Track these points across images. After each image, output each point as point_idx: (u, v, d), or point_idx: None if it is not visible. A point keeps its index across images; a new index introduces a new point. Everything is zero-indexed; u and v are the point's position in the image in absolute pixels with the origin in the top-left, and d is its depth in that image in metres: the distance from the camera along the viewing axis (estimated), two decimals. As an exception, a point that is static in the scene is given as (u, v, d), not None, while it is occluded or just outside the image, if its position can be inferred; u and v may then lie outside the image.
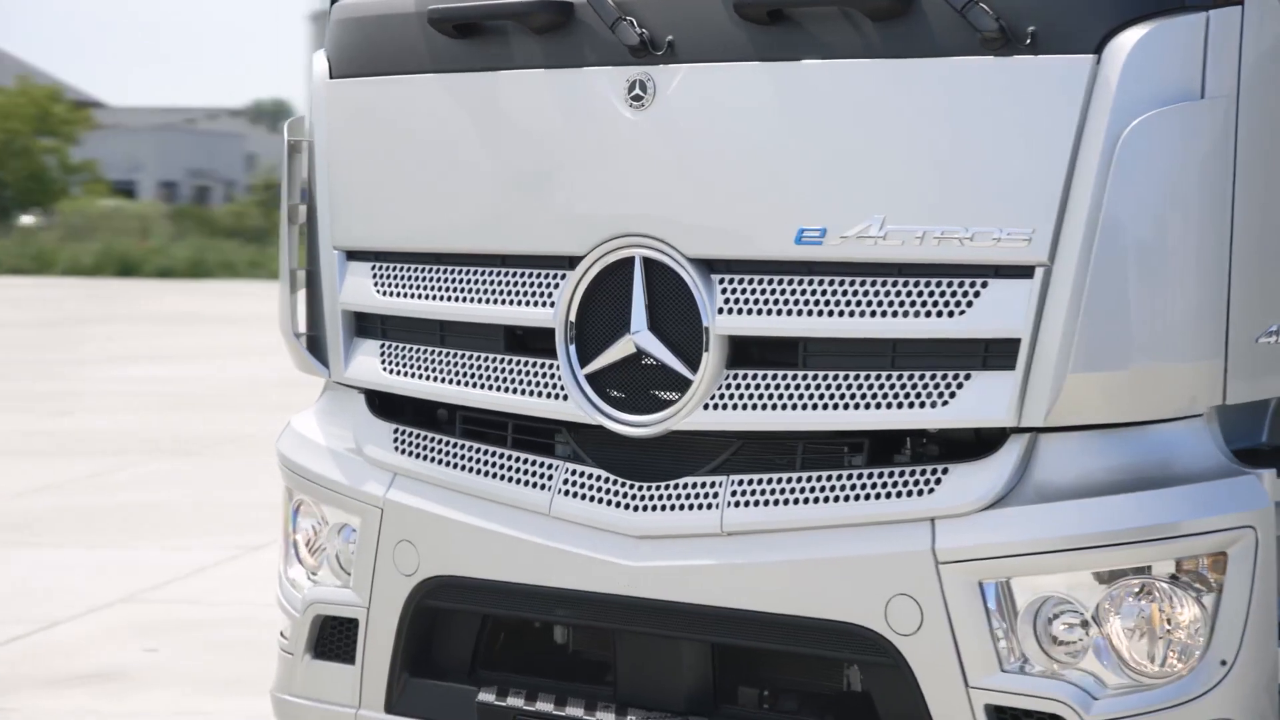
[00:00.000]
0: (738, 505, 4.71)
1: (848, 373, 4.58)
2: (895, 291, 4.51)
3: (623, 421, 4.87)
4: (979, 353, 4.44)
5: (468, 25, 5.12)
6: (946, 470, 4.49)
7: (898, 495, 4.53)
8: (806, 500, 4.63)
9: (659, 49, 4.78)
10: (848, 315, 4.56)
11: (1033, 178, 4.35)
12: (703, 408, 4.74)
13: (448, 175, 5.19)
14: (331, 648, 5.50)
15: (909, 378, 4.51)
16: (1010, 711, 4.45)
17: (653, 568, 4.82)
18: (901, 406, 4.51)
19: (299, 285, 5.58)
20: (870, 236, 4.51)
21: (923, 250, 4.45)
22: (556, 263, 4.98)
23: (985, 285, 4.41)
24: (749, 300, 4.68)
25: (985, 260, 4.40)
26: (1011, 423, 4.39)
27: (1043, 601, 4.42)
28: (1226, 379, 4.40)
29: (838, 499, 4.60)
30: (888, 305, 4.51)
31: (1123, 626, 4.37)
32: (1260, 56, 4.38)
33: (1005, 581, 4.43)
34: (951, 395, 4.46)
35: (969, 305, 4.42)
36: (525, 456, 5.07)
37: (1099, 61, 4.29)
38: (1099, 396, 4.34)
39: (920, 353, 4.51)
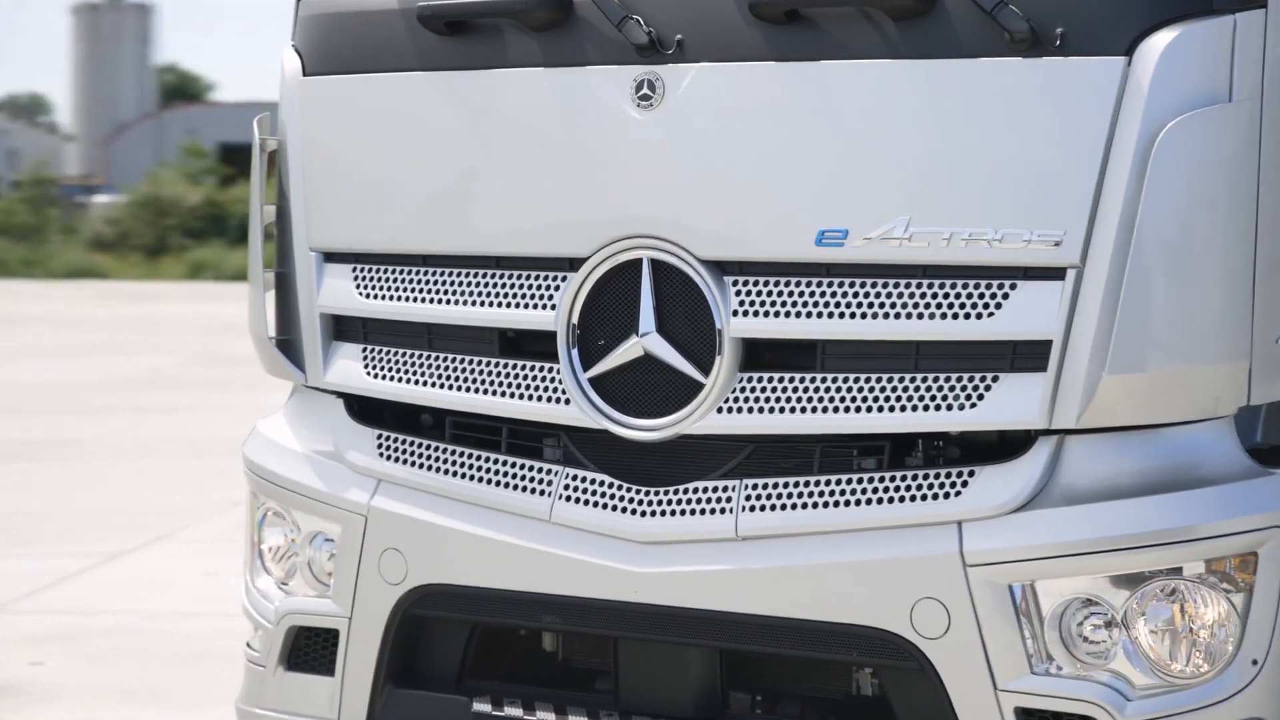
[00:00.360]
0: (752, 509, 4.65)
1: (869, 375, 4.54)
2: (920, 293, 4.48)
3: (629, 425, 4.79)
4: (1008, 354, 4.42)
5: (461, 23, 5.01)
6: (973, 473, 4.46)
7: (923, 498, 4.50)
8: (827, 504, 4.59)
9: (667, 48, 4.71)
10: (870, 317, 4.52)
11: (1063, 179, 4.34)
12: (716, 411, 4.67)
13: (438, 176, 5.07)
14: (307, 659, 5.36)
15: (934, 380, 4.48)
16: (1039, 714, 4.44)
17: (661, 573, 4.75)
18: (928, 408, 4.48)
19: (269, 287, 5.42)
20: (894, 238, 4.47)
21: (949, 252, 4.43)
22: (556, 265, 4.89)
23: (1014, 287, 4.39)
24: (765, 302, 4.62)
25: (1015, 262, 4.38)
26: (1043, 424, 4.38)
27: (1072, 603, 4.42)
28: (1251, 380, 4.43)
29: (860, 502, 4.56)
30: (912, 307, 4.48)
31: (1153, 628, 4.38)
32: None
33: (1034, 584, 4.42)
34: (980, 397, 4.44)
35: (998, 307, 4.40)
36: (523, 462, 4.97)
37: (1130, 64, 4.29)
38: (1133, 398, 4.34)
39: (946, 354, 4.48)
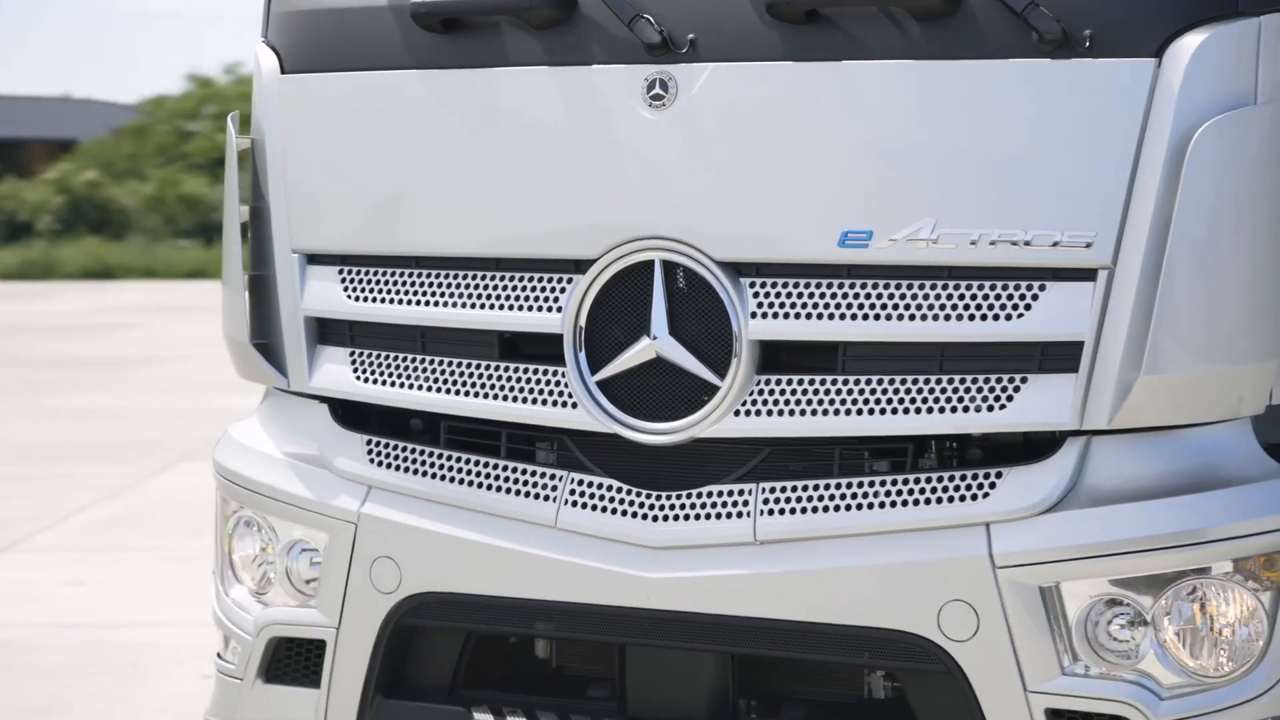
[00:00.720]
0: (771, 513, 4.61)
1: (893, 377, 4.52)
2: (946, 295, 4.46)
3: (640, 429, 4.73)
4: (1036, 355, 4.42)
5: (457, 21, 4.91)
6: (1000, 474, 4.46)
7: (950, 500, 4.49)
8: (849, 507, 4.56)
9: (680, 47, 4.64)
10: (895, 319, 4.49)
11: (1093, 181, 4.35)
12: (733, 414, 4.62)
13: (434, 177, 4.95)
14: (288, 671, 5.23)
15: (960, 381, 4.47)
16: (1070, 715, 4.45)
17: (674, 579, 4.69)
18: (955, 410, 4.47)
19: (253, 290, 5.27)
20: (920, 239, 4.46)
21: (977, 253, 4.42)
22: (561, 267, 4.80)
23: (1043, 288, 4.39)
24: (784, 305, 4.58)
25: (1045, 263, 4.38)
26: (1074, 425, 4.39)
27: (1102, 603, 4.43)
28: (1276, 380, 4.47)
29: (885, 505, 4.54)
30: (938, 308, 4.46)
31: (1182, 627, 4.40)
32: None
33: (1064, 585, 4.43)
34: (1009, 399, 4.43)
35: (1027, 308, 4.40)
36: (526, 467, 4.88)
37: (1160, 65, 4.32)
38: (1166, 398, 4.36)
39: (973, 356, 4.47)
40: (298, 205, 5.16)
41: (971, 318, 4.44)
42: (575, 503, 4.80)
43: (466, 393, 4.94)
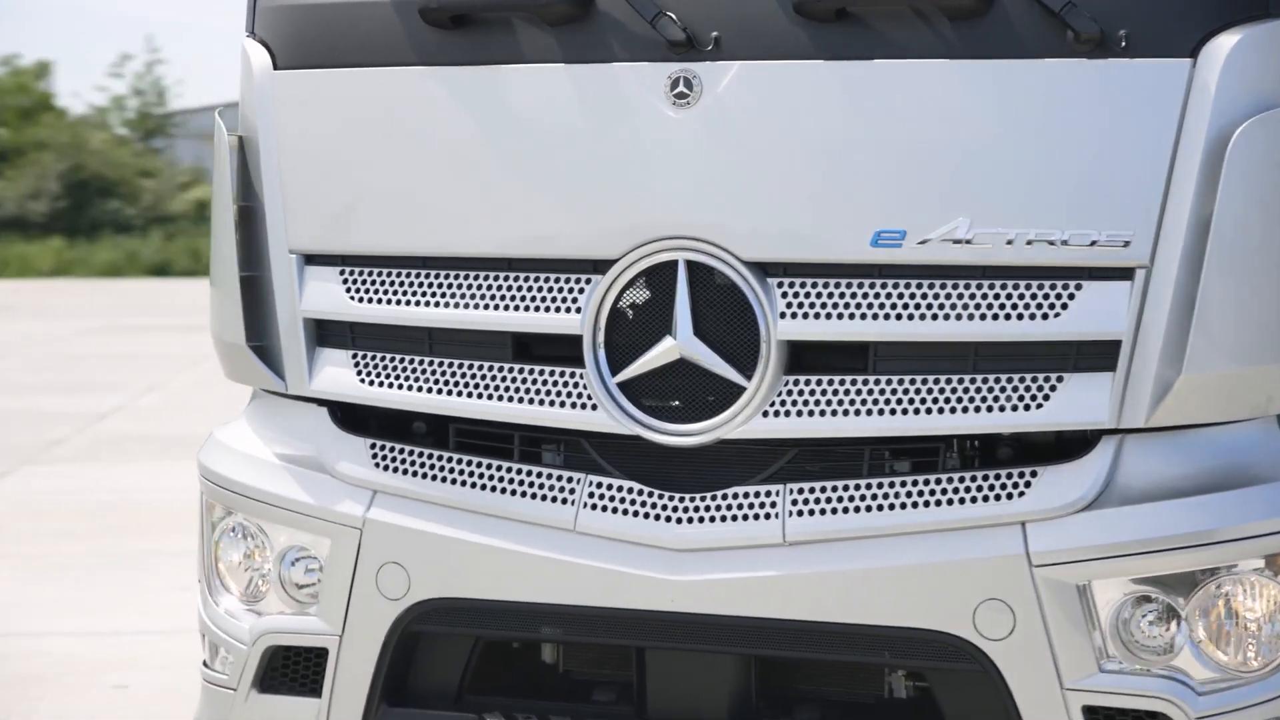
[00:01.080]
0: (800, 514, 4.58)
1: (926, 377, 4.51)
2: (981, 295, 4.46)
3: (664, 431, 4.67)
4: (1072, 355, 4.43)
5: (466, 17, 4.82)
6: (1035, 473, 4.47)
7: (984, 500, 4.49)
8: (881, 507, 4.54)
9: (705, 45, 4.59)
10: (928, 319, 4.48)
11: (1130, 180, 4.36)
12: (761, 415, 4.59)
13: (446, 177, 4.85)
14: (286, 680, 5.11)
15: (995, 381, 4.47)
16: (1106, 711, 4.47)
17: (700, 581, 4.64)
18: (991, 410, 4.47)
19: (245, 291, 5.12)
20: (955, 239, 4.45)
21: (1013, 253, 4.42)
22: (579, 267, 4.73)
23: (1080, 288, 4.40)
24: (815, 305, 4.55)
25: (1082, 263, 4.39)
26: (1111, 424, 4.41)
27: (1137, 601, 4.46)
28: None
29: (917, 504, 4.53)
30: (973, 308, 4.46)
31: (1216, 623, 4.44)
32: None
33: (1101, 582, 4.45)
34: (1045, 398, 4.44)
35: (1064, 308, 4.41)
36: (542, 470, 4.81)
37: (1195, 65, 4.34)
38: (1205, 396, 4.39)
39: (1007, 355, 4.47)
40: (295, 205, 5.03)
41: (1007, 317, 4.44)
42: (594, 505, 4.73)
43: (480, 395, 4.85)
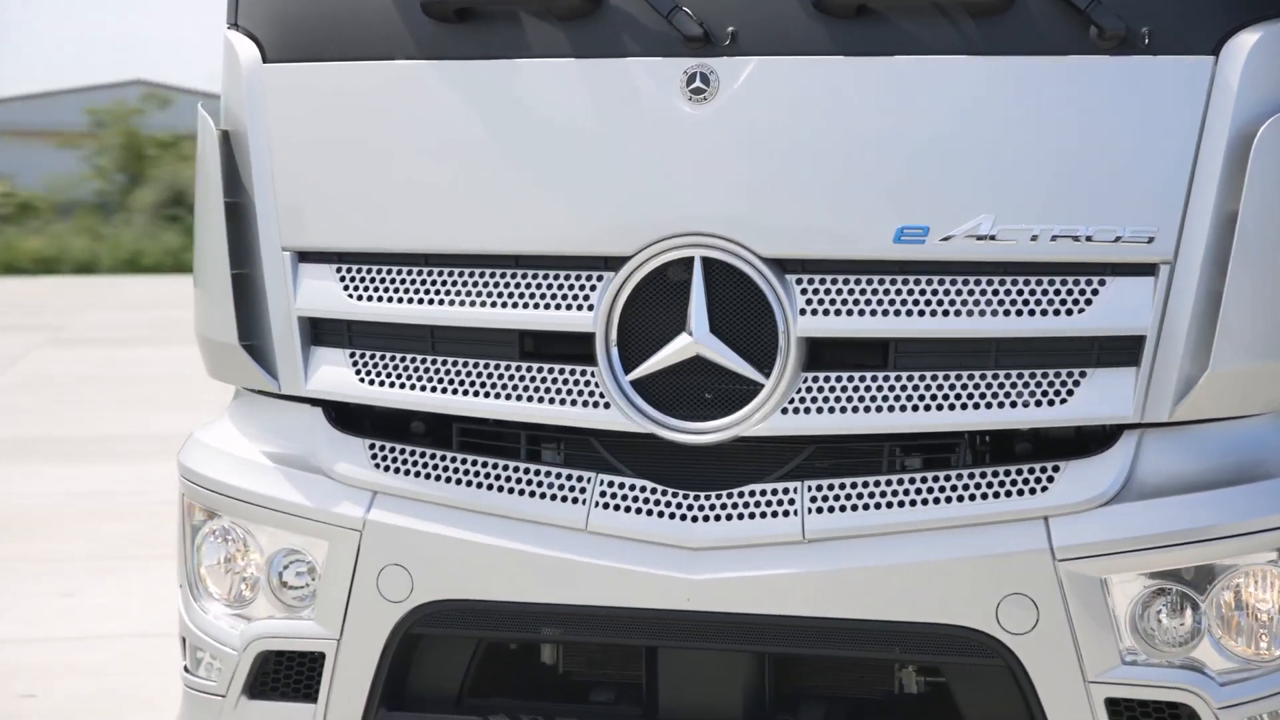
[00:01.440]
0: (820, 511, 4.57)
1: (947, 373, 4.51)
2: (1004, 290, 4.47)
3: (679, 429, 4.63)
4: (1094, 350, 4.46)
5: (470, 11, 4.73)
6: (1058, 468, 4.49)
7: (1007, 495, 4.50)
8: (901, 503, 4.54)
9: (722, 40, 4.55)
10: (951, 315, 4.48)
11: (1154, 177, 4.40)
12: (780, 412, 4.56)
13: (451, 173, 4.76)
14: (278, 686, 5.01)
15: (1017, 376, 4.48)
16: (1127, 704, 4.50)
17: (716, 580, 4.61)
18: (1015, 405, 4.48)
19: (239, 289, 4.99)
20: (979, 235, 4.45)
21: (1037, 249, 4.43)
22: (590, 264, 4.67)
23: (1103, 283, 4.43)
24: (835, 301, 4.53)
25: (1106, 259, 4.41)
26: (1135, 418, 4.44)
27: (1159, 593, 4.49)
28: None
29: (939, 500, 4.53)
30: (997, 304, 4.47)
31: (1238, 614, 4.48)
32: None
33: (1123, 576, 4.48)
34: (1069, 393, 4.46)
35: (1088, 303, 4.43)
36: (552, 469, 4.74)
37: (1217, 63, 4.38)
38: (1229, 391, 4.43)
39: (1028, 350, 4.48)
40: (289, 201, 4.91)
41: (1031, 313, 4.45)
42: (607, 504, 4.68)
43: (486, 394, 4.77)
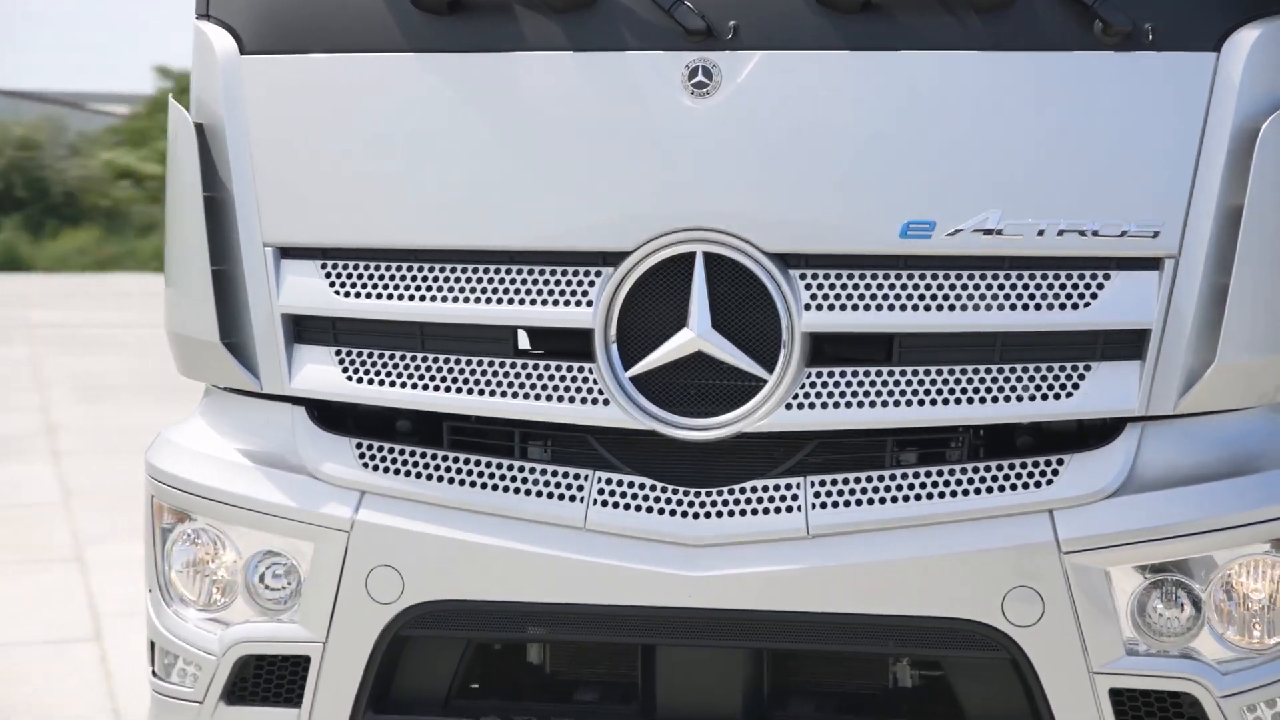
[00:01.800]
0: (824, 506, 4.56)
1: (952, 367, 4.52)
2: (1010, 285, 4.48)
3: (680, 426, 4.59)
4: (1098, 344, 4.49)
5: (462, 3, 4.65)
6: (1062, 461, 4.52)
7: (1013, 488, 4.52)
8: (907, 498, 4.54)
9: (725, 34, 4.52)
10: (957, 309, 4.49)
11: (1158, 171, 4.44)
12: (784, 408, 4.54)
13: (445, 167, 4.68)
14: (259, 691, 4.90)
15: (1023, 371, 4.50)
16: (1130, 694, 4.55)
17: (719, 576, 4.58)
18: (1021, 399, 4.50)
19: (223, 286, 4.85)
20: (986, 230, 4.46)
21: (1043, 244, 4.45)
22: (588, 259, 4.62)
23: (1108, 278, 4.46)
24: (840, 296, 4.52)
25: (1112, 253, 4.45)
26: (1140, 411, 4.48)
27: (1161, 584, 4.54)
28: None
29: (944, 494, 4.54)
30: (1003, 298, 4.48)
31: (1240, 604, 4.54)
32: None
33: (1127, 568, 4.52)
34: (1075, 387, 4.49)
35: (1093, 297, 4.46)
36: (548, 467, 4.68)
37: (1219, 58, 4.43)
38: (1233, 383, 4.49)
39: (1033, 345, 4.51)
40: (271, 196, 4.80)
41: (1038, 307, 4.48)
42: (606, 502, 4.63)
43: (480, 391, 4.70)
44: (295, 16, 4.79)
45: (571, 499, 4.66)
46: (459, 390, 4.72)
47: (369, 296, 4.76)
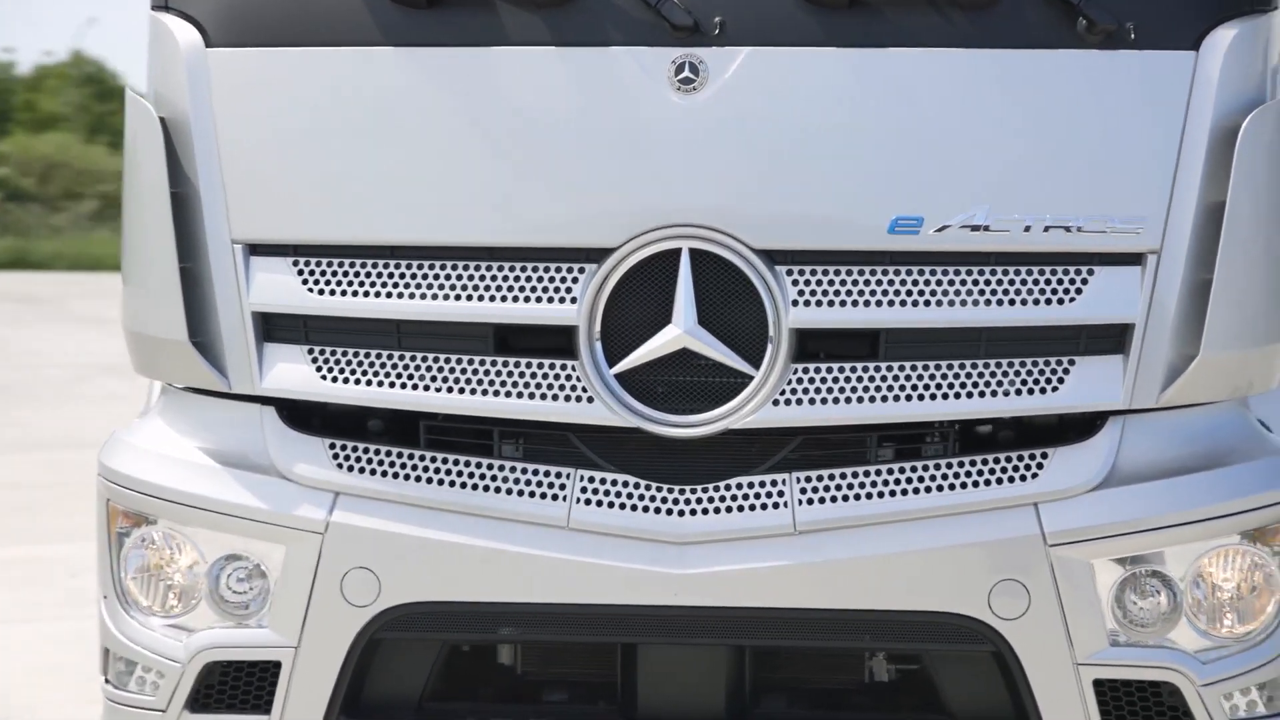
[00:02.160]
0: (810, 502, 4.56)
1: (938, 363, 4.54)
2: (996, 280, 4.52)
3: (666, 423, 4.56)
4: (1082, 338, 4.54)
5: None
6: (1046, 454, 4.56)
7: (998, 482, 4.56)
8: (893, 492, 4.56)
9: (711, 30, 4.49)
10: (944, 305, 4.52)
11: (1140, 168, 4.51)
12: (771, 404, 4.53)
13: (423, 163, 4.60)
14: (225, 698, 4.77)
15: (1008, 365, 4.54)
16: (1113, 684, 4.60)
17: (705, 574, 4.56)
18: (1006, 394, 4.54)
19: (188, 284, 4.71)
20: (972, 226, 4.49)
21: (1029, 239, 4.50)
22: (571, 256, 4.57)
23: (1092, 273, 4.52)
24: (827, 292, 4.52)
25: (1096, 249, 4.51)
26: (1124, 405, 4.54)
27: (1146, 575, 4.60)
28: None
29: (929, 489, 4.57)
30: (989, 294, 4.52)
31: (1220, 593, 4.63)
32: None
33: (1110, 559, 4.58)
34: (1060, 381, 4.54)
35: (1078, 292, 4.51)
36: (529, 465, 4.63)
37: (1197, 57, 4.51)
38: (1215, 376, 4.56)
39: (1018, 339, 4.55)
40: (240, 192, 4.68)
41: (1023, 302, 4.52)
42: (589, 500, 4.59)
43: (461, 390, 4.62)
44: (266, 9, 4.67)
45: (554, 497, 4.60)
46: (439, 389, 4.64)
47: (345, 294, 4.66)
